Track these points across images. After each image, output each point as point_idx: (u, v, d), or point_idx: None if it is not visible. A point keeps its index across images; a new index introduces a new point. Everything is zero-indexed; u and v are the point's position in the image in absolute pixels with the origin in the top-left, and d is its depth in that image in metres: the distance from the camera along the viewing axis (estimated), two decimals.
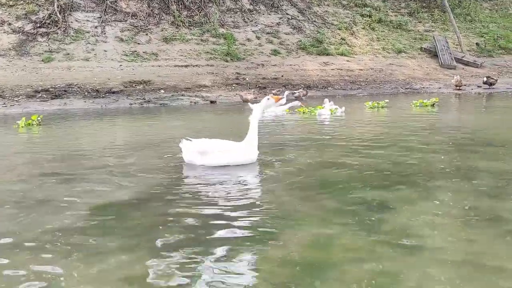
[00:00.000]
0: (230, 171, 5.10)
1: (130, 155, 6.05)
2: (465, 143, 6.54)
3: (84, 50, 17.52)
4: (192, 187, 4.55)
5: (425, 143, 6.53)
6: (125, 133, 8.49)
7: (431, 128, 8.06)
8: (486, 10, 29.07)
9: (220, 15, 21.86)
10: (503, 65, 24.43)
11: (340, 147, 6.32)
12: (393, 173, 4.84)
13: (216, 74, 18.19)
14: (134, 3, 20.56)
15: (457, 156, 5.58)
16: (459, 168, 5.01)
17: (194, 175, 4.98)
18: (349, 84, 19.34)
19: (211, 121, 10.50)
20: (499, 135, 7.09)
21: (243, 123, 8.93)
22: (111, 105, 14.06)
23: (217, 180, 4.74)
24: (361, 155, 5.75)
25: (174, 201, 4.06)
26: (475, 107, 12.45)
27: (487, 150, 5.91)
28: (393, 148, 6.20)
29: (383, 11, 26.36)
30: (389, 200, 3.95)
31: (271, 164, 5.37)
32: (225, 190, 4.38)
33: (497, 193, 4.10)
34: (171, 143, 6.74)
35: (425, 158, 5.50)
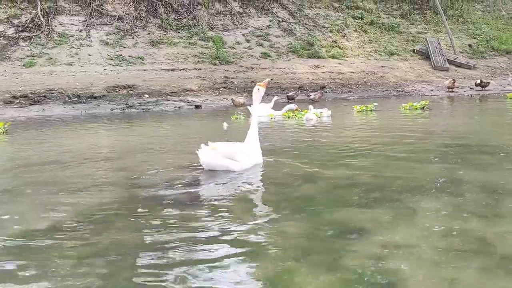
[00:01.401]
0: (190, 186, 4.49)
1: (84, 167, 5.44)
2: (453, 150, 5.95)
3: (68, 54, 16.90)
4: (145, 205, 3.95)
5: (411, 151, 5.94)
6: (92, 141, 7.87)
7: (419, 133, 7.47)
8: (478, 11, 28.55)
9: (209, 18, 21.28)
10: (496, 67, 23.90)
11: (320, 157, 5.72)
12: (373, 188, 4.24)
13: (204, 78, 17.58)
14: (121, 6, 19.96)
15: (444, 167, 4.99)
16: (446, 181, 4.42)
17: (146, 193, 4.36)
18: (340, 87, 18.77)
19: (190, 127, 9.89)
20: (489, 141, 6.50)
21: (221, 129, 8.44)
22: (91, 110, 13.45)
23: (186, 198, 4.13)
24: (341, 166, 5.17)
25: (126, 223, 3.45)
26: (467, 110, 11.87)
27: (477, 159, 5.32)
28: (377, 158, 5.61)
29: (375, 13, 25.81)
30: (364, 223, 3.36)
31: (236, 178, 4.76)
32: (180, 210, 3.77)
33: (485, 213, 3.50)
34: (133, 154, 6.15)
35: (410, 169, 4.90)
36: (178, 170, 5.12)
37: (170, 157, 6.00)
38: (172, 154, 6.21)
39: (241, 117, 10.57)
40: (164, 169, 5.19)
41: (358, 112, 11.46)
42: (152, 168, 5.25)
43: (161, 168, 5.24)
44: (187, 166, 5.30)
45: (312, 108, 10.87)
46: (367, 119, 10.08)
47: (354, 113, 11.49)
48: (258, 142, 5.25)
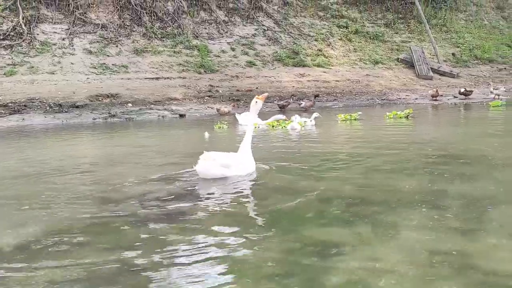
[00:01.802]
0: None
1: (58, 180, 5.23)
2: (437, 161, 5.85)
3: (50, 63, 16.62)
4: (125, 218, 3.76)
5: (395, 161, 5.83)
6: (70, 152, 7.64)
7: (403, 143, 7.38)
8: (461, 21, 28.87)
9: (194, 27, 21.16)
10: (479, 75, 24.12)
11: (302, 168, 5.58)
12: (355, 202, 4.11)
13: (188, 86, 17.42)
14: (105, 15, 19.74)
15: (427, 178, 4.87)
16: (429, 194, 4.29)
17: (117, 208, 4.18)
18: (325, 96, 18.73)
19: (172, 137, 9.69)
20: (473, 151, 6.42)
21: (202, 139, 8.26)
22: (72, 120, 13.20)
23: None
24: (323, 178, 5.03)
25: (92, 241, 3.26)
26: (451, 119, 11.86)
27: (460, 170, 5.22)
28: (360, 169, 5.48)
29: (360, 22, 25.94)
30: (343, 241, 3.21)
31: (213, 192, 4.60)
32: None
33: (469, 228, 3.38)
34: (110, 166, 5.95)
35: (393, 182, 4.78)
36: (154, 183, 4.94)
37: (148, 169, 5.81)
38: (150, 166, 6.02)
39: (225, 127, 10.41)
40: (140, 182, 5.01)
41: (342, 121, 11.37)
42: (128, 181, 5.07)
43: (137, 181, 5.06)
44: (164, 179, 5.12)
45: (297, 117, 10.76)
46: (351, 128, 10.00)
47: (338, 122, 11.40)
48: (250, 150, 5.31)
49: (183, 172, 5.37)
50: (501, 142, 7.28)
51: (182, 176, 5.20)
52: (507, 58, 26.33)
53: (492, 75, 24.46)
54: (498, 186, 4.45)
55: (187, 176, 5.18)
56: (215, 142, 8.13)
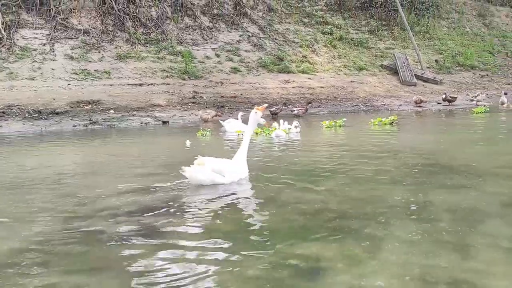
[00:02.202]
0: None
1: (25, 192, 4.91)
2: (423, 170, 5.67)
3: (30, 68, 16.19)
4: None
5: (380, 171, 5.63)
6: (44, 161, 7.30)
7: (388, 151, 7.20)
8: (444, 28, 29.06)
9: (178, 32, 20.88)
10: (462, 82, 24.25)
11: (285, 178, 5.34)
12: (339, 215, 3.89)
13: (172, 93, 17.12)
14: (87, 20, 19.37)
15: (414, 189, 4.67)
16: (416, 206, 4.09)
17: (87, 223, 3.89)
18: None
19: (152, 144, 9.39)
20: (459, 160, 6.26)
21: (183, 147, 7.95)
22: (52, 127, 12.80)
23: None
24: (306, 189, 4.82)
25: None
26: (435, 126, 11.76)
27: (447, 180, 5.04)
28: (344, 179, 5.26)
29: (344, 29, 25.94)
30: (326, 259, 2.99)
31: (189, 205, 4.33)
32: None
33: (460, 243, 3.19)
34: (84, 176, 5.65)
35: (379, 193, 4.58)
36: (128, 195, 4.66)
37: (124, 179, 5.52)
38: (127, 176, 5.73)
39: (207, 134, 10.14)
40: (114, 194, 4.72)
41: (327, 128, 11.20)
42: (101, 193, 4.78)
43: (111, 193, 4.77)
44: (140, 190, 4.85)
45: (282, 124, 10.56)
46: (336, 135, 9.81)
47: (323, 128, 11.22)
48: (245, 158, 5.28)
49: (160, 183, 5.10)
50: (486, 150, 7.15)
51: (158, 188, 4.94)
52: (488, 65, 26.54)
53: (475, 81, 24.62)
54: (488, 198, 4.27)
55: (164, 188, 4.92)
56: (197, 150, 7.84)
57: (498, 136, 9.16)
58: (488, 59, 27.15)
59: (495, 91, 22.89)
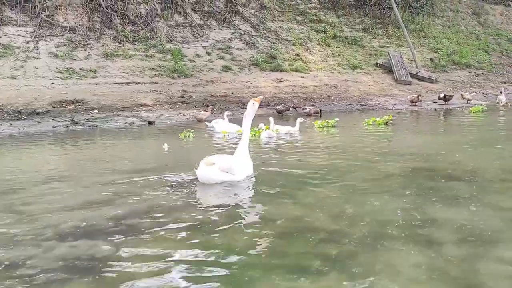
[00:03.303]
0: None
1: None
2: (420, 176, 5.03)
3: (12, 67, 15.44)
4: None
5: (373, 179, 4.99)
6: (6, 166, 6.60)
7: (382, 154, 6.55)
8: (438, 26, 28.45)
9: (168, 30, 20.17)
10: (458, 80, 23.66)
11: (268, 189, 4.69)
12: (325, 237, 3.26)
13: (160, 92, 16.42)
14: (73, 17, 18.61)
15: (412, 202, 4.03)
16: (415, 225, 3.44)
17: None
18: (302, 101, 17.89)
19: (128, 147, 8.69)
20: (458, 164, 5.62)
21: (161, 151, 7.27)
22: (31, 128, 12.09)
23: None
24: (291, 203, 4.18)
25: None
26: (431, 126, 11.12)
27: (447, 189, 4.41)
28: (334, 189, 4.62)
29: (338, 27, 25.27)
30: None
31: (146, 223, 3.66)
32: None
33: (469, 279, 2.53)
34: (41, 184, 4.97)
35: (370, 207, 3.94)
36: (78, 211, 3.99)
37: (82, 189, 4.85)
38: (86, 186, 5.04)
39: (191, 135, 9.44)
40: (62, 209, 4.04)
41: (319, 128, 10.55)
42: (52, 207, 4.10)
43: (59, 207, 4.10)
44: (93, 204, 4.18)
45: (271, 123, 9.91)
46: (328, 137, 9.15)
47: (314, 129, 10.57)
48: (247, 151, 5.25)
49: (118, 196, 4.44)
50: (488, 153, 6.51)
51: (113, 202, 4.27)
52: (483, 63, 25.97)
53: (470, 80, 24.03)
54: (498, 214, 3.63)
55: (120, 202, 4.25)
56: (175, 155, 7.16)
57: (498, 137, 8.54)
58: (484, 58, 26.56)
59: (491, 90, 22.31)
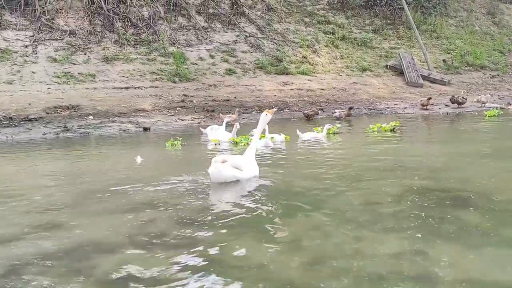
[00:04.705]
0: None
1: None
2: (428, 201, 4.13)
3: (8, 72, 14.84)
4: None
5: (374, 202, 4.11)
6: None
7: (385, 169, 5.64)
8: (452, 26, 27.25)
9: (171, 33, 19.44)
10: (472, 82, 22.49)
11: (260, 210, 3.85)
12: (306, 280, 2.38)
13: (160, 96, 15.67)
14: (74, 21, 18.00)
15: (413, 234, 3.15)
16: (416, 266, 2.55)
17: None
18: (308, 105, 16.99)
19: (103, 159, 7.87)
20: (472, 184, 4.70)
21: (130, 166, 6.40)
22: (20, 135, 11.41)
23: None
24: (273, 237, 3.33)
25: None
26: (443, 133, 10.10)
27: (453, 219, 3.55)
28: (322, 215, 3.82)
29: (347, 28, 24.28)
30: None
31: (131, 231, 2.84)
32: None
33: None
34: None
35: (364, 246, 3.08)
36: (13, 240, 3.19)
37: (25, 215, 4.05)
38: (25, 211, 4.23)
39: (179, 144, 8.60)
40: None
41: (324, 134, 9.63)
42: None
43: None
44: (31, 232, 3.38)
45: (267, 131, 9.03)
46: (327, 145, 8.24)
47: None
48: (254, 156, 5.41)
49: (54, 225, 3.63)
50: (504, 169, 5.53)
51: (41, 233, 3.47)
52: (499, 65, 24.71)
53: (485, 82, 22.84)
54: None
55: (49, 233, 3.44)
56: (146, 170, 6.30)
57: None
58: (499, 59, 25.30)
59: (507, 92, 21.13)
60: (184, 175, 5.54)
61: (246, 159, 5.27)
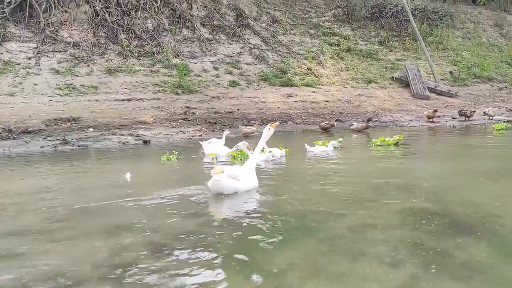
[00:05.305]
0: None
1: None
2: (425, 224, 3.76)
3: (10, 84, 14.71)
4: None
5: (366, 226, 3.75)
6: None
7: (385, 190, 5.26)
8: (458, 38, 26.85)
9: (176, 45, 19.26)
10: (479, 94, 22.02)
11: (230, 240, 3.49)
12: None
13: (162, 108, 15.42)
14: (78, 33, 17.90)
15: (406, 268, 2.78)
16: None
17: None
18: (312, 118, 16.66)
19: (88, 174, 7.57)
20: (475, 208, 4.30)
21: (116, 183, 5.83)
22: (18, 148, 11.16)
23: None
24: (255, 260, 2.99)
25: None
26: (449, 148, 9.67)
27: (456, 252, 3.14)
28: (312, 245, 3.45)
29: (353, 40, 24.00)
30: None
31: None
32: None
33: None
34: None
35: (354, 273, 2.69)
36: None
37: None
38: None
39: (174, 158, 8.28)
40: None
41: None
42: None
43: None
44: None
45: (265, 147, 8.68)
46: (326, 161, 7.86)
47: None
48: (254, 168, 5.41)
49: (12, 254, 3.30)
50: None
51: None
52: (507, 77, 24.24)
53: (492, 94, 22.36)
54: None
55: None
56: (133, 187, 5.97)
57: None
58: (507, 70, 24.83)
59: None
60: (172, 192, 5.21)
61: (245, 170, 5.26)
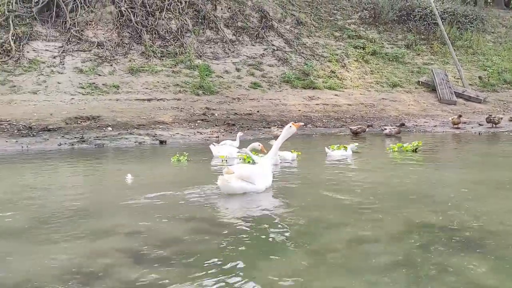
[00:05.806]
0: None
1: None
2: (430, 239, 3.42)
3: (35, 82, 14.88)
4: None
5: (368, 239, 3.44)
6: None
7: (394, 198, 4.92)
8: (489, 42, 25.89)
9: (198, 46, 19.19)
10: (509, 100, 21.10)
11: (220, 251, 3.26)
12: None
13: (182, 109, 15.33)
14: (103, 32, 18.02)
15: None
16: None
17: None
18: (332, 121, 16.29)
19: (89, 175, 7.45)
20: (486, 221, 3.92)
21: (115, 185, 5.74)
22: (36, 145, 11.23)
23: None
24: (247, 272, 2.74)
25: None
26: (473, 157, 9.14)
27: (459, 266, 2.80)
28: (307, 254, 3.14)
29: (379, 43, 23.44)
30: None
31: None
32: None
33: None
34: None
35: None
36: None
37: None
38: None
39: (184, 159, 8.10)
40: None
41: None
42: None
43: None
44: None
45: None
46: (340, 167, 7.52)
47: (327, 155, 8.93)
48: (270, 165, 5.39)
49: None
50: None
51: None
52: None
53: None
54: None
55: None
56: (132, 189, 5.79)
57: None
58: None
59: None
60: (172, 196, 5.02)
61: (259, 168, 5.20)
